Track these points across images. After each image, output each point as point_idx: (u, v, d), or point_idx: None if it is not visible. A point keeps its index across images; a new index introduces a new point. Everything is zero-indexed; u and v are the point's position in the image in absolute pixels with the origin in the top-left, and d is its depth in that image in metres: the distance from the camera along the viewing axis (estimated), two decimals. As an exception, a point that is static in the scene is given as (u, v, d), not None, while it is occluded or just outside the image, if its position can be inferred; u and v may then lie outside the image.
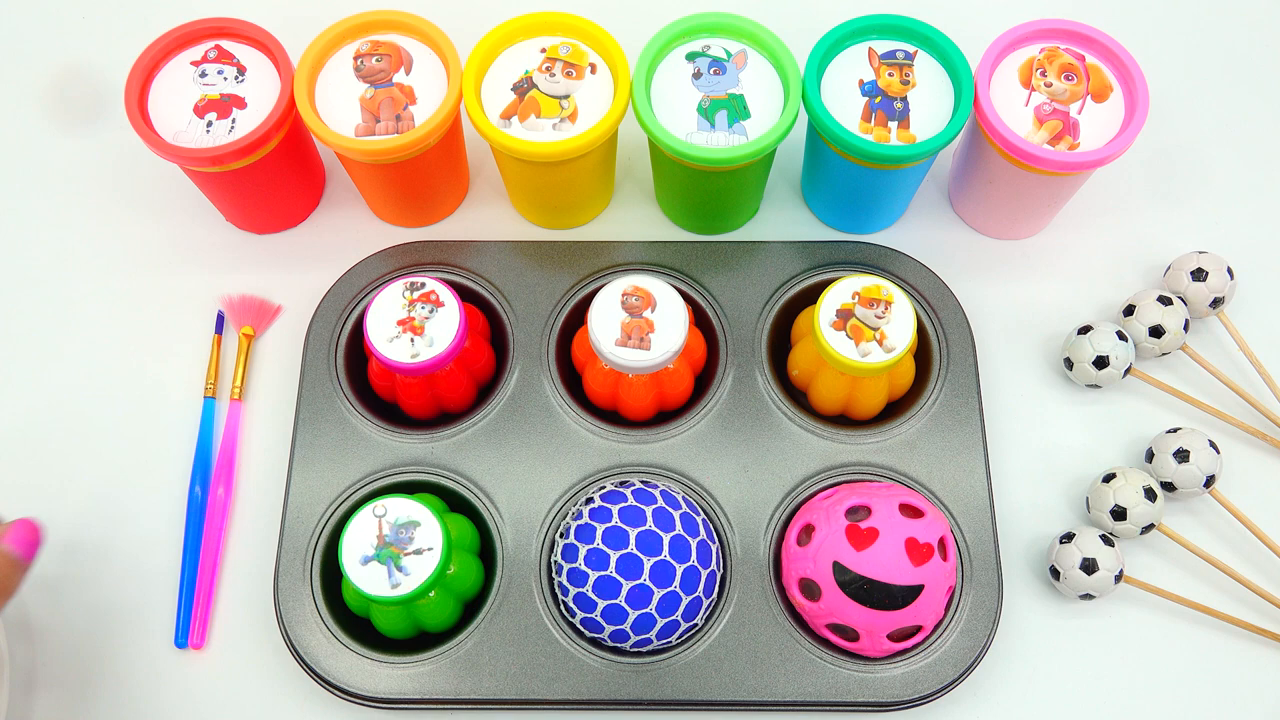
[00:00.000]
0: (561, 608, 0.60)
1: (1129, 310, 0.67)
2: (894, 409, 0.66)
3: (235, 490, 0.66)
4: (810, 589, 0.58)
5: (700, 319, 0.67)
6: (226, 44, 0.66)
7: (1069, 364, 0.67)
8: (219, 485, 0.65)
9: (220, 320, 0.68)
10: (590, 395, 0.65)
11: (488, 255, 0.69)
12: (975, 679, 0.61)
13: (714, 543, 0.60)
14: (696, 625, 0.60)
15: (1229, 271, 0.68)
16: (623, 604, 0.57)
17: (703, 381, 0.66)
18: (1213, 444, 0.63)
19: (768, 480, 0.63)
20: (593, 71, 0.64)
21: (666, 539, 0.58)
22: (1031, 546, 0.65)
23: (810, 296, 0.67)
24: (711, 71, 0.64)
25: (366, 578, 0.55)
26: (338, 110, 0.63)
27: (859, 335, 0.60)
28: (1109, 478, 0.63)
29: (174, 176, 0.71)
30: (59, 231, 0.73)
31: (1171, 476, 0.63)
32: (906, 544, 0.56)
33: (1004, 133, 0.62)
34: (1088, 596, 0.61)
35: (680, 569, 0.57)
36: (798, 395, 0.67)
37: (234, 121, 0.64)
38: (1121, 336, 0.66)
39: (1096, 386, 0.67)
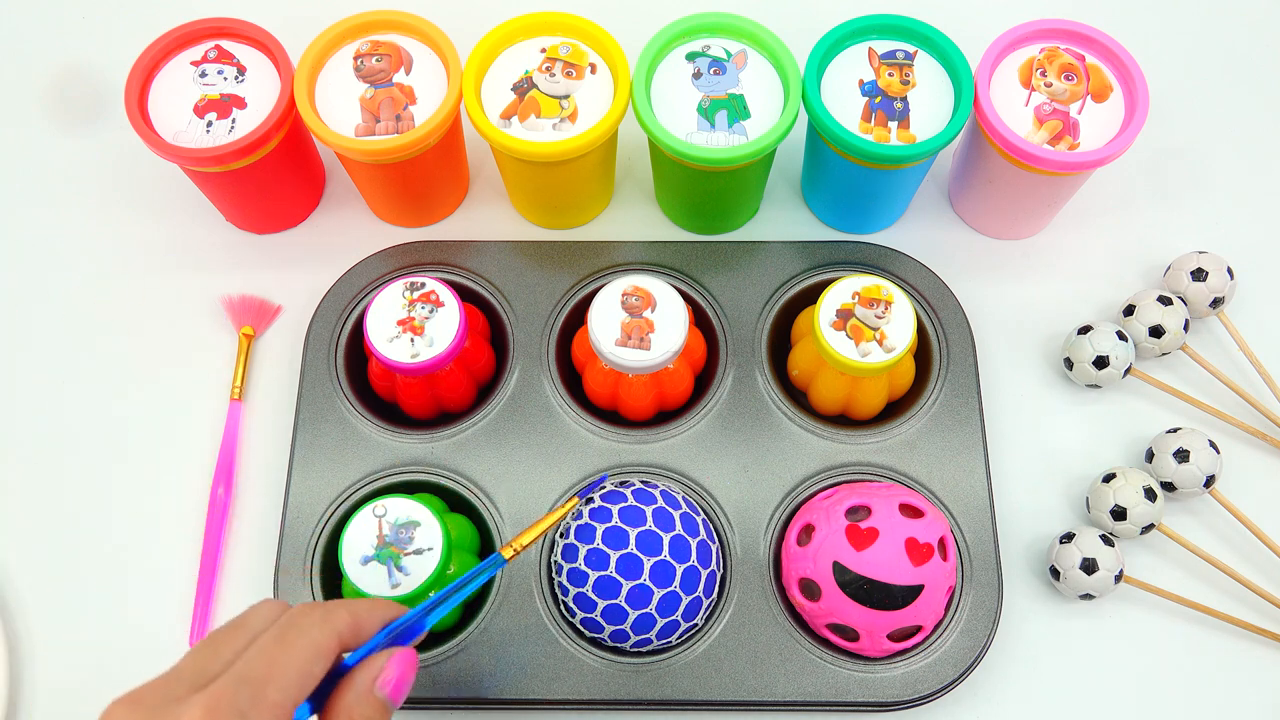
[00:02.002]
0: (561, 608, 0.60)
1: (1129, 310, 0.67)
2: (894, 409, 0.66)
3: (235, 490, 0.66)
4: (810, 589, 0.58)
5: (700, 319, 0.67)
6: (226, 44, 0.66)
7: (1069, 364, 0.67)
8: (219, 485, 0.65)
9: None
10: (590, 395, 0.65)
11: (488, 255, 0.69)
12: (975, 679, 0.61)
13: (714, 543, 0.60)
14: (696, 625, 0.60)
15: (1229, 271, 0.68)
16: (623, 604, 0.57)
17: (703, 381, 0.66)
18: (1213, 444, 0.63)
19: (768, 480, 0.63)
20: (593, 71, 0.64)
21: (666, 539, 0.58)
22: (1031, 546, 0.65)
23: (810, 296, 0.67)
24: (711, 71, 0.64)
25: (366, 578, 0.55)
26: (338, 110, 0.63)
27: (859, 335, 0.60)
28: (1109, 478, 0.63)
29: (174, 176, 0.71)
30: (59, 232, 0.73)
31: (1171, 476, 0.63)
32: (906, 544, 0.56)
33: (1004, 133, 0.62)
34: (1088, 596, 0.61)
35: (680, 569, 0.57)
36: (798, 395, 0.67)
37: (234, 121, 0.64)
38: (1121, 336, 0.66)
39: (1096, 386, 0.67)
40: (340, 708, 0.42)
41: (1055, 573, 0.62)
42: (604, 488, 0.59)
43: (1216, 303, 0.68)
